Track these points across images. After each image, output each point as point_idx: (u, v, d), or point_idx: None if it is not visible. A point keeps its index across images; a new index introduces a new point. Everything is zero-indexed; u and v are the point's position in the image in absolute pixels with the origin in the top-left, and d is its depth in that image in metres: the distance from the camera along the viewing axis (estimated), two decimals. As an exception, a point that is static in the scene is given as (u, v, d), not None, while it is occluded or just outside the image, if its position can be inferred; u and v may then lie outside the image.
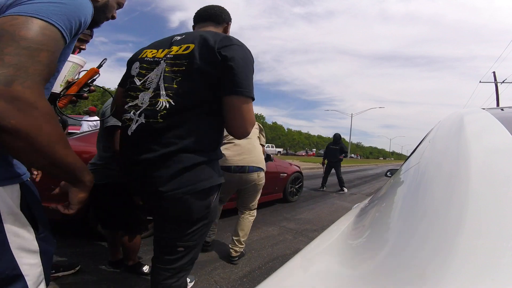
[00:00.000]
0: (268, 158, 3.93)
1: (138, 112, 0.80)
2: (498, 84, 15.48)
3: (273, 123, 64.32)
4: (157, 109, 0.77)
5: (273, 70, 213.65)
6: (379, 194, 0.83)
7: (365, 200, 1.09)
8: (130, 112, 0.82)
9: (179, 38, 0.87)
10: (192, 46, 0.80)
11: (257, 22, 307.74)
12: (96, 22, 0.85)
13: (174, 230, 0.84)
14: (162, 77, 0.80)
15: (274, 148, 33.27)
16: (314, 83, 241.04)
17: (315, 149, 55.87)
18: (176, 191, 0.76)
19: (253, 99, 0.82)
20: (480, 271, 0.28)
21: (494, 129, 0.61)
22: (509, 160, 0.48)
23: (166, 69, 0.80)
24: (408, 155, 1.09)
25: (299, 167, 4.86)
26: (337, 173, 6.24)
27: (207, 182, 0.81)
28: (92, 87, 0.87)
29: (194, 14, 1.02)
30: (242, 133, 0.84)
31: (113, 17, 0.92)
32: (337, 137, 6.18)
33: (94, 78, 0.86)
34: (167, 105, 0.76)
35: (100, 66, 0.88)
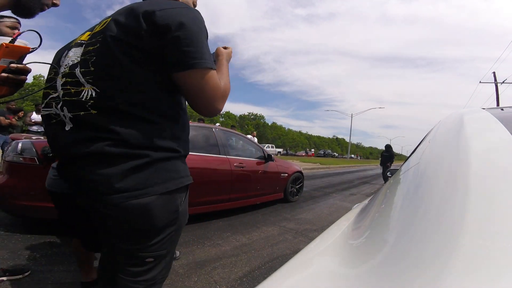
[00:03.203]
0: (269, 158, 3.95)
1: (59, 105, 0.69)
2: (498, 85, 15.47)
3: (272, 123, 64.48)
4: (83, 99, 0.64)
5: (274, 71, 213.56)
6: (379, 194, 0.83)
7: (365, 200, 1.09)
8: (52, 106, 0.71)
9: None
10: (109, 19, 0.67)
11: (259, 23, 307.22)
12: (29, 9, 0.76)
13: (134, 242, 0.70)
14: (78, 62, 0.68)
15: (274, 149, 33.26)
16: (314, 83, 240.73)
17: (313, 150, 55.79)
18: (124, 194, 0.63)
19: (213, 69, 0.68)
20: (481, 271, 0.28)
21: (494, 129, 0.61)
22: (509, 160, 0.48)
23: (83, 51, 0.69)
24: (408, 155, 1.09)
25: (299, 167, 4.86)
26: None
27: (170, 184, 0.68)
28: (12, 66, 0.67)
29: None
30: (210, 112, 0.72)
31: (54, 5, 0.81)
32: (388, 146, 8.94)
33: (17, 58, 0.68)
34: (93, 94, 0.64)
35: (13, 40, 0.68)
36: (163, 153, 0.68)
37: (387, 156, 8.87)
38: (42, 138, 2.43)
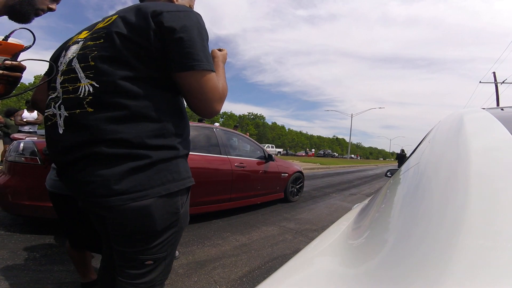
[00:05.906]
0: (269, 158, 3.94)
1: (58, 104, 0.68)
2: (498, 85, 15.46)
3: (272, 123, 64.54)
4: (81, 96, 0.63)
5: (275, 72, 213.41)
6: (379, 194, 0.83)
7: (365, 200, 1.09)
8: (51, 107, 0.70)
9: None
10: (115, 16, 0.67)
11: (260, 24, 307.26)
12: (23, 14, 0.76)
13: (133, 245, 0.69)
14: (76, 57, 0.67)
15: (275, 149, 33.27)
16: (315, 84, 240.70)
17: (314, 150, 55.79)
18: (122, 197, 0.61)
19: (213, 71, 0.68)
20: (480, 271, 0.28)
21: (494, 129, 0.61)
22: (509, 159, 0.48)
23: (81, 46, 0.68)
24: (408, 155, 1.09)
25: (300, 167, 4.86)
26: None
27: (172, 186, 0.67)
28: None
29: None
30: (208, 113, 0.72)
31: (50, 9, 0.81)
32: (402, 150, 12.40)
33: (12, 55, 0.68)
34: (91, 89, 0.62)
35: (6, 38, 0.68)
36: (164, 152, 0.67)
37: (402, 157, 12.01)
38: (36, 138, 2.42)
